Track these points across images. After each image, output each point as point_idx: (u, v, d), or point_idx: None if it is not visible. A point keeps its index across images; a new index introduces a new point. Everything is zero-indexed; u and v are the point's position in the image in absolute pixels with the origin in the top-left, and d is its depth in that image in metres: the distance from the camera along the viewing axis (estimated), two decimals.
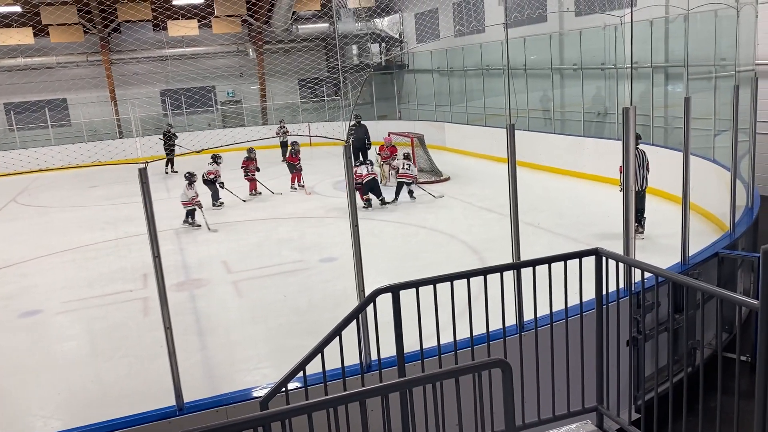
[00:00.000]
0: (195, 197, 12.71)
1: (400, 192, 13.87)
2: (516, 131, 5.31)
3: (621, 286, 4.34)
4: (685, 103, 6.27)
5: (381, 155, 15.90)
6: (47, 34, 23.70)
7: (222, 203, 14.34)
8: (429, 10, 23.50)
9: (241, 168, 15.51)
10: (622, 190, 5.70)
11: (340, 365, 3.99)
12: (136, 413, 4.47)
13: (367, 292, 4.13)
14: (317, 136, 14.08)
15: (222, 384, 6.01)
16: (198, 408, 4.47)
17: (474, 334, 4.23)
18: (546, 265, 4.18)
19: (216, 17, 25.16)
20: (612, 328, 4.26)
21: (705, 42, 10.29)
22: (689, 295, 5.80)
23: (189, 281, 9.45)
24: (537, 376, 4.26)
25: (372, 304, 3.97)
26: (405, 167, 13.91)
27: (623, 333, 4.44)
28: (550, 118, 17.59)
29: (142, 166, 3.99)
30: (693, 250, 6.72)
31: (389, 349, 4.17)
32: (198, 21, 24.48)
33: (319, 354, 3.85)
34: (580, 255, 4.24)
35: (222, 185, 14.27)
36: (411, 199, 13.85)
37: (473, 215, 12.34)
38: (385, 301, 3.97)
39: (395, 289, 3.98)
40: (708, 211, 10.20)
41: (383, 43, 26.85)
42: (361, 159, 14.86)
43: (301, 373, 3.89)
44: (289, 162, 16.02)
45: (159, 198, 15.32)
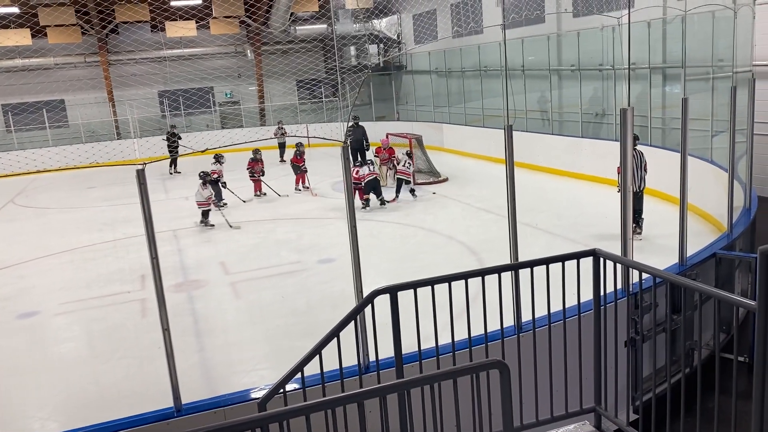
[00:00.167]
0: (210, 197, 12.71)
1: (400, 189, 14.03)
2: (514, 132, 5.33)
3: (619, 286, 4.35)
4: (683, 104, 6.29)
5: (380, 157, 15.90)
6: (45, 35, 23.66)
7: (225, 203, 14.33)
8: (427, 11, 23.51)
9: (247, 169, 15.48)
10: (619, 191, 5.71)
11: (338, 366, 3.99)
12: (134, 414, 4.47)
13: (366, 293, 4.13)
14: (315, 137, 14.05)
15: (220, 385, 6.01)
16: (196, 409, 4.47)
17: (472, 335, 4.24)
18: (544, 266, 4.19)
19: (214, 18, 25.15)
20: (610, 328, 4.27)
21: (702, 43, 10.30)
22: (687, 296, 5.78)
23: (187, 282, 9.45)
24: (535, 377, 4.26)
25: (370, 305, 3.97)
26: (405, 165, 14.16)
27: (621, 334, 4.44)
28: (548, 119, 17.61)
29: (139, 167, 4.00)
30: (690, 250, 6.74)
31: (387, 350, 4.18)
32: (196, 22, 24.46)
33: (318, 355, 3.85)
34: (577, 256, 4.25)
35: (224, 185, 14.27)
36: (413, 197, 14.02)
37: (471, 216, 12.35)
38: (384, 302, 3.97)
39: (393, 290, 3.98)
40: (706, 212, 10.22)
41: (381, 44, 26.85)
42: (360, 160, 14.86)
43: (300, 375, 3.89)
44: (294, 163, 15.97)
45: (157, 199, 15.33)
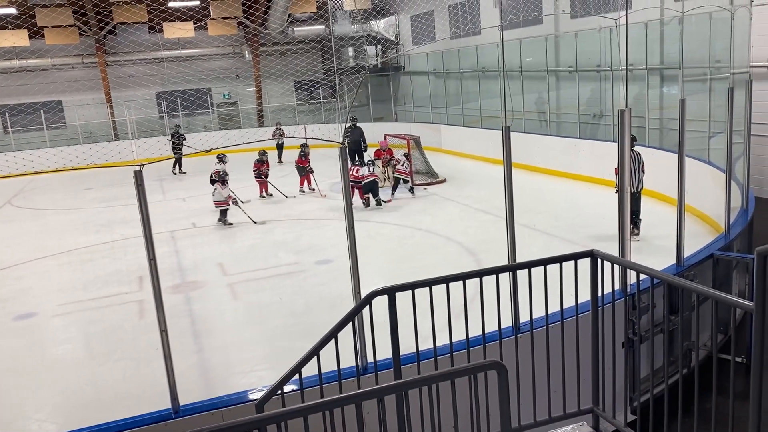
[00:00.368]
0: (231, 196, 12.72)
1: (396, 188, 14.34)
2: (512, 133, 5.33)
3: (616, 287, 4.36)
4: (680, 105, 6.30)
5: (381, 160, 15.87)
6: (42, 36, 23.62)
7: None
8: (425, 12, 23.52)
9: (253, 171, 15.44)
10: (617, 191, 5.72)
11: (336, 367, 3.99)
12: (131, 416, 4.46)
13: (363, 294, 4.13)
14: (313, 138, 14.05)
15: (218, 387, 6.01)
16: (194, 411, 4.46)
17: (470, 336, 4.23)
18: (542, 267, 4.20)
19: (212, 19, 25.13)
20: (608, 329, 4.27)
21: (700, 44, 10.31)
22: (684, 297, 5.80)
23: (185, 284, 9.43)
24: (533, 377, 4.26)
25: (368, 306, 3.97)
26: (404, 165, 14.58)
27: (619, 334, 4.44)
28: (545, 120, 17.64)
29: (137, 168, 3.99)
30: (688, 251, 6.74)
31: (385, 352, 4.18)
32: (194, 23, 24.45)
33: (316, 356, 3.85)
34: (575, 257, 4.26)
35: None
36: (412, 195, 14.40)
37: (469, 217, 12.35)
38: (381, 304, 3.97)
39: (391, 291, 3.98)
40: (703, 213, 10.24)
41: (379, 45, 26.86)
42: (359, 160, 14.88)
43: (297, 376, 3.89)
44: (299, 165, 15.92)
45: (154, 200, 15.29)
